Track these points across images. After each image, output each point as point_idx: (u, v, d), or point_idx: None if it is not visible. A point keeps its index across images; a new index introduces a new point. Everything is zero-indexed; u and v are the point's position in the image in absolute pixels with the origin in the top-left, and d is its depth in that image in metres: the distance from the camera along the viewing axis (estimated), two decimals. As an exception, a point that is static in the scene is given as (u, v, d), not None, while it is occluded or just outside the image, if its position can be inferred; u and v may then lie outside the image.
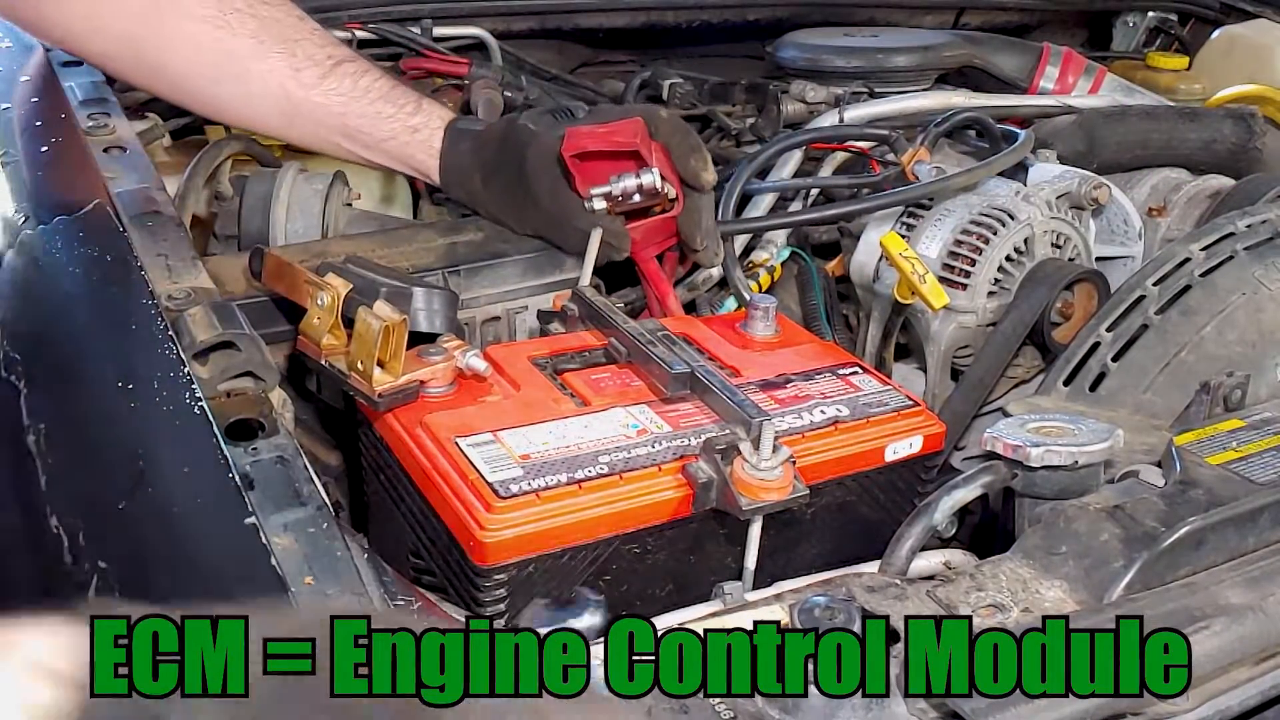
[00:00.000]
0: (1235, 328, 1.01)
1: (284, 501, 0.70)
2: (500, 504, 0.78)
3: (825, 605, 0.62)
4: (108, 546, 0.65)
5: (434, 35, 1.62)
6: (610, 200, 1.06)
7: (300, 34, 1.13)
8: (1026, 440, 0.79)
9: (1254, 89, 1.66)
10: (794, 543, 0.93)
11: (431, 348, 0.92)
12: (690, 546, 0.88)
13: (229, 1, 1.11)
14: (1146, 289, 1.06)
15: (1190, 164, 1.45)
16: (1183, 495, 0.77)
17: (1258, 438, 0.84)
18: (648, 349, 0.94)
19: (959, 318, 1.17)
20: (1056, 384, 1.03)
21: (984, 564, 0.74)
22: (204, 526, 0.66)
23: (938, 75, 1.64)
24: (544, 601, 0.70)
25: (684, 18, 1.81)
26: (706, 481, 0.82)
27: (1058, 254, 1.20)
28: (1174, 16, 2.09)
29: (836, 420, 0.92)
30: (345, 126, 1.13)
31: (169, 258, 0.92)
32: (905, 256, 1.09)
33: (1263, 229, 1.10)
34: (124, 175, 1.06)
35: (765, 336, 1.04)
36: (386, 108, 1.14)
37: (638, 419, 0.89)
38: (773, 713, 0.60)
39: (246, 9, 1.12)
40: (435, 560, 0.86)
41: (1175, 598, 0.68)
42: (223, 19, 1.11)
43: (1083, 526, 0.75)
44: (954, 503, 0.79)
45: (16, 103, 1.22)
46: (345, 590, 0.64)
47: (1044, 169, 1.29)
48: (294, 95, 1.13)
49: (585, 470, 0.82)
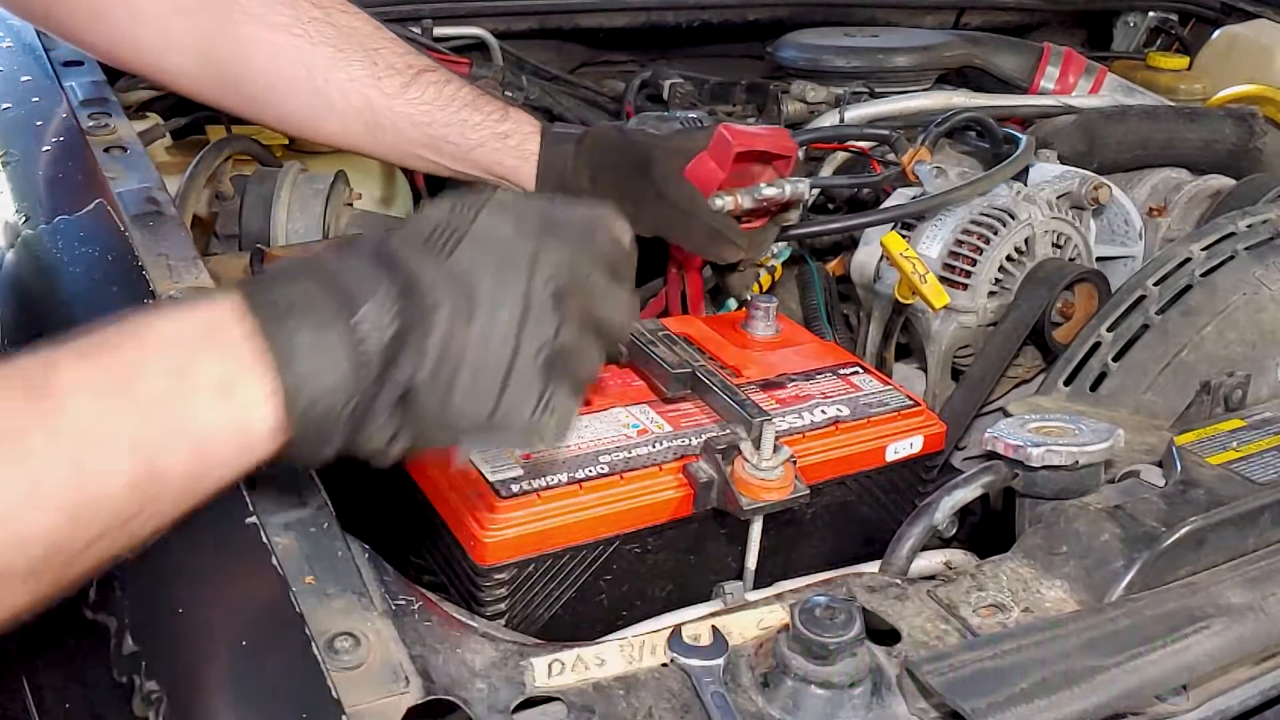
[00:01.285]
0: (1236, 328, 1.01)
1: (285, 501, 0.70)
2: (501, 504, 0.78)
3: (826, 605, 0.62)
4: (108, 546, 0.65)
5: (434, 35, 1.62)
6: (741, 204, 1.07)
7: (379, 42, 1.10)
8: (1027, 440, 0.79)
9: (1254, 89, 1.66)
10: (794, 542, 0.93)
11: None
12: (691, 546, 0.88)
13: (305, 10, 1.07)
14: (1147, 289, 1.06)
15: (1190, 164, 1.45)
16: (1183, 495, 0.77)
17: (1258, 438, 0.84)
18: (648, 349, 0.94)
19: (959, 318, 1.17)
20: (1057, 384, 1.03)
21: (985, 564, 0.74)
22: (205, 526, 0.66)
23: (938, 75, 1.63)
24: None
25: (684, 18, 1.81)
26: (707, 481, 0.82)
27: (1058, 254, 1.20)
28: (1174, 16, 2.08)
29: (837, 420, 0.92)
30: (430, 136, 1.10)
31: (170, 257, 0.92)
32: (906, 256, 1.09)
33: (1263, 229, 1.10)
34: (125, 175, 1.06)
35: (766, 336, 1.04)
36: (473, 115, 1.10)
37: (638, 419, 0.89)
38: (773, 712, 0.60)
39: (324, 17, 1.08)
40: (436, 560, 0.86)
41: (1175, 598, 0.68)
42: (300, 27, 1.07)
43: (1083, 526, 0.75)
44: (955, 503, 0.79)
45: (17, 103, 1.22)
46: (346, 589, 0.64)
47: (1044, 169, 1.29)
48: (377, 105, 1.09)
49: (586, 470, 0.82)
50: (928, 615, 0.68)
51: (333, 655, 0.59)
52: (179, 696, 0.55)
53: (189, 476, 0.58)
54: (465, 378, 0.62)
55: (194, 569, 0.63)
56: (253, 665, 0.56)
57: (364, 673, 0.59)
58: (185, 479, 0.58)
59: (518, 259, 0.64)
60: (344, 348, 0.59)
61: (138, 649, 0.58)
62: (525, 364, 0.63)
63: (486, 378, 0.62)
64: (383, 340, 0.60)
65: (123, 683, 0.57)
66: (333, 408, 0.60)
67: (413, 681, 0.59)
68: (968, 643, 0.66)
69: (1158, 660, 0.63)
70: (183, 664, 0.57)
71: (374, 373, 0.60)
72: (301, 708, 0.54)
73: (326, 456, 0.62)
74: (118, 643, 0.59)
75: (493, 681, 0.62)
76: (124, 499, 0.55)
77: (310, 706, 0.54)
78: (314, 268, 0.62)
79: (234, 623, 0.59)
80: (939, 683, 0.59)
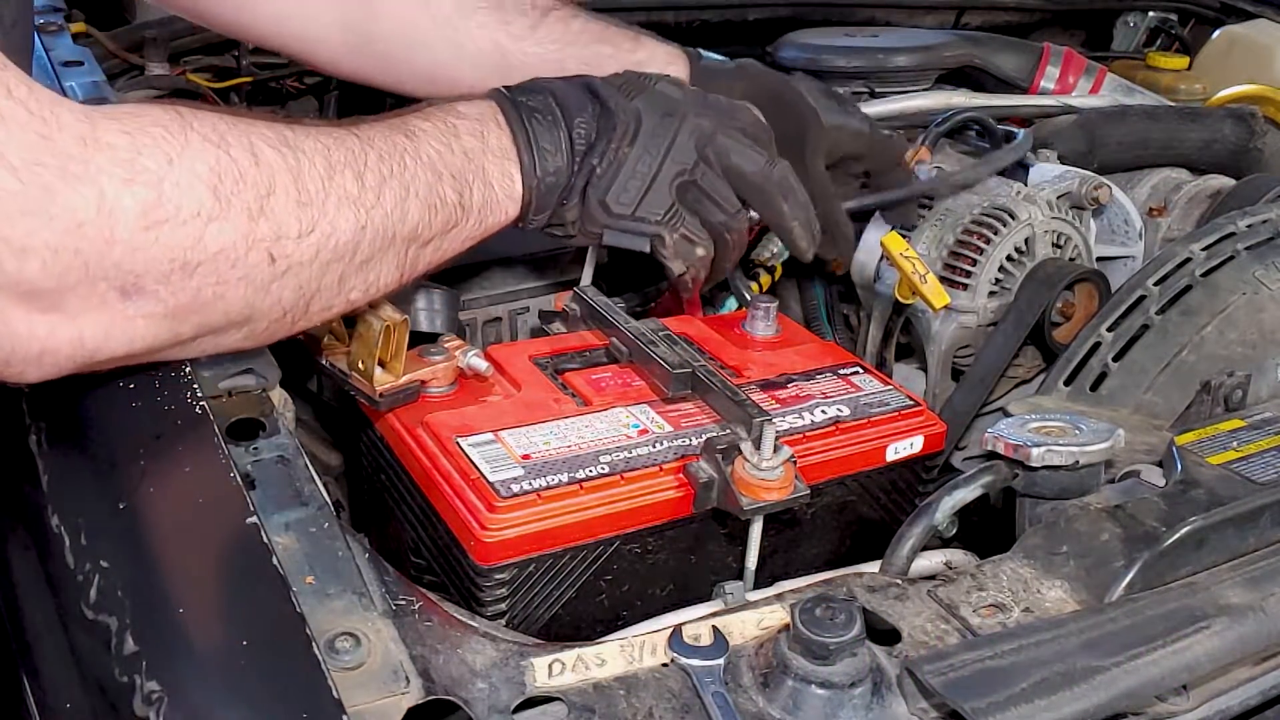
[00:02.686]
0: (1236, 327, 1.01)
1: (285, 501, 0.70)
2: (501, 504, 0.78)
3: (826, 605, 0.62)
4: (108, 546, 0.64)
5: (435, 35, 1.61)
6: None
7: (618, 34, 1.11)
8: (1027, 440, 0.79)
9: (1254, 89, 1.66)
10: (795, 542, 0.93)
11: (433, 347, 0.93)
12: (691, 546, 0.88)
13: None
14: (1147, 289, 1.06)
15: (1191, 164, 1.45)
16: (1183, 495, 0.77)
17: (1258, 438, 0.84)
18: (649, 349, 0.94)
19: (960, 317, 1.17)
20: (1057, 384, 1.03)
21: (985, 564, 0.74)
22: (205, 526, 0.66)
23: (938, 75, 1.63)
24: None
25: (684, 18, 1.81)
26: (707, 481, 0.82)
27: (1058, 254, 1.20)
28: (1174, 16, 2.08)
29: (837, 420, 0.92)
30: (565, 74, 1.06)
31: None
32: (906, 256, 1.09)
33: (1263, 229, 1.10)
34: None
35: (766, 336, 1.05)
36: (604, 48, 1.10)
37: (639, 419, 0.89)
38: (773, 712, 0.60)
39: None
40: (436, 560, 0.86)
41: (1176, 598, 0.68)
42: None
43: (1084, 526, 0.75)
44: (955, 503, 0.79)
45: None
46: (346, 590, 0.64)
47: (1045, 169, 1.29)
48: (508, 49, 1.09)
49: (586, 470, 0.82)
50: (928, 615, 0.69)
51: (333, 655, 0.59)
52: (180, 696, 0.55)
53: (482, 208, 0.85)
54: (621, 179, 0.89)
55: (194, 569, 0.63)
56: (253, 665, 0.56)
57: (364, 673, 0.59)
58: (478, 211, 0.84)
59: (675, 111, 0.92)
60: (563, 143, 0.88)
61: (138, 649, 0.58)
62: (663, 182, 0.91)
63: (635, 184, 0.90)
64: (587, 141, 0.89)
65: (123, 682, 0.57)
66: (555, 183, 0.88)
67: (413, 682, 0.59)
68: (968, 643, 0.65)
69: (1158, 660, 0.63)
70: (183, 664, 0.57)
71: (577, 163, 0.89)
72: (302, 708, 0.54)
73: (540, 223, 0.90)
74: (118, 642, 0.59)
75: (493, 682, 0.62)
76: (450, 211, 0.81)
77: (310, 707, 0.54)
78: (546, 88, 0.91)
79: (234, 623, 0.59)
80: (939, 683, 0.59)
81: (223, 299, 0.67)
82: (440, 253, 0.83)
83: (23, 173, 0.57)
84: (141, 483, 0.68)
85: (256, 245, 0.67)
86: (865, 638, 0.62)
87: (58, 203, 0.58)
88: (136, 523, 0.66)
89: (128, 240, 0.61)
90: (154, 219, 0.62)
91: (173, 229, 0.63)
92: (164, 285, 0.64)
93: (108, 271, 0.61)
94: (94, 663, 0.60)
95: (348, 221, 0.73)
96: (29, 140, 0.58)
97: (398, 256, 0.79)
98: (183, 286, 0.65)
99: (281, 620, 0.58)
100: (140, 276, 0.62)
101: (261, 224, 0.67)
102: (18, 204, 0.56)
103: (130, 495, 0.67)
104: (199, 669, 0.57)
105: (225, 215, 0.65)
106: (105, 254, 0.61)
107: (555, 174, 0.88)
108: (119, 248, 0.61)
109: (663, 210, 0.90)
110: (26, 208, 0.57)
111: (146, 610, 0.60)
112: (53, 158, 0.58)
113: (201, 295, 0.66)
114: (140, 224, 0.61)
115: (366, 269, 0.76)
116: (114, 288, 0.62)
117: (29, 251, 0.58)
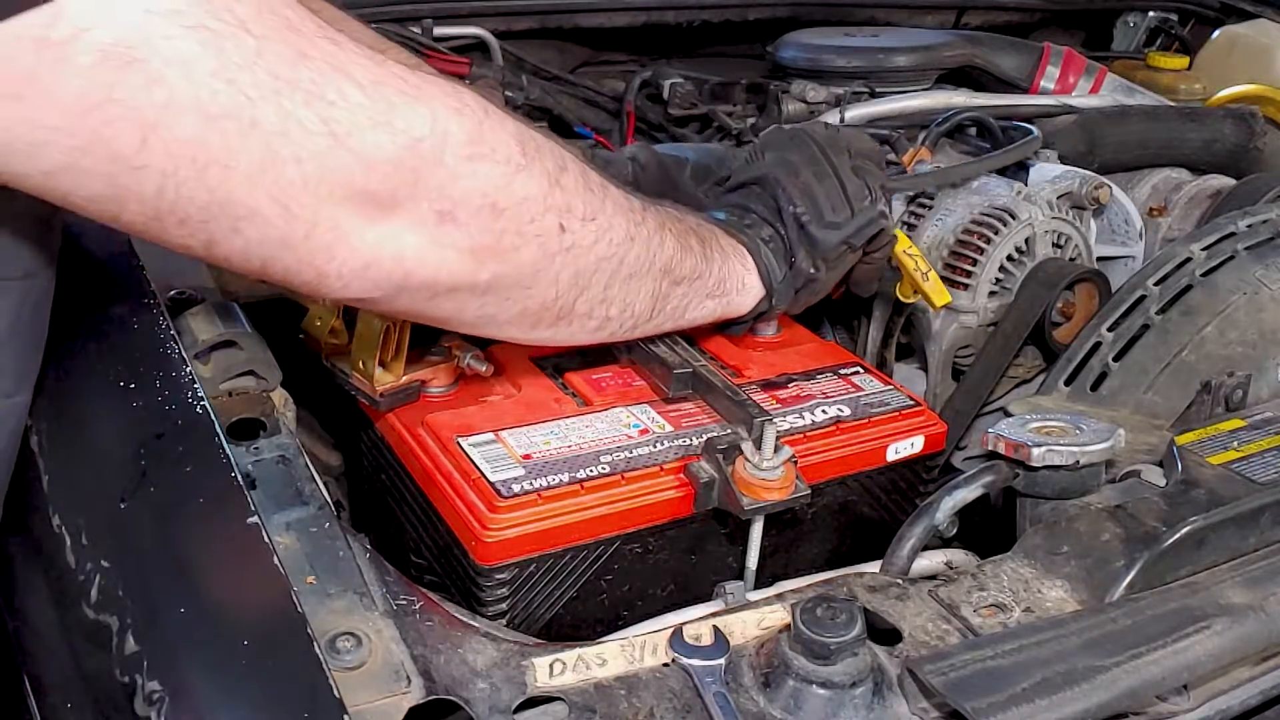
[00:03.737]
0: (1236, 327, 1.01)
1: (286, 500, 0.70)
2: (502, 504, 0.78)
3: (827, 605, 0.62)
4: (109, 546, 0.64)
5: (434, 35, 1.61)
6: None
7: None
8: (1028, 440, 0.79)
9: (1254, 89, 1.66)
10: (795, 542, 0.93)
11: (433, 348, 0.93)
12: (692, 546, 0.88)
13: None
14: (1148, 289, 1.06)
15: (1191, 164, 1.45)
16: (1184, 495, 0.77)
17: (1259, 437, 0.84)
18: (649, 348, 0.94)
19: (960, 317, 1.17)
20: (1058, 384, 1.03)
21: (985, 564, 0.74)
22: (206, 526, 0.66)
23: (938, 75, 1.63)
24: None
25: (684, 18, 1.80)
26: (708, 481, 0.82)
27: (1059, 254, 1.20)
28: (1174, 16, 2.08)
29: (838, 420, 0.92)
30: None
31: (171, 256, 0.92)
32: (909, 253, 1.09)
33: (1263, 229, 1.10)
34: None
35: (767, 336, 1.05)
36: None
37: (639, 419, 0.89)
38: (774, 712, 0.60)
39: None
40: (437, 559, 0.86)
41: (1176, 597, 0.68)
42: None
43: (1084, 526, 0.75)
44: (955, 502, 0.79)
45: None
46: (347, 589, 0.64)
47: (1045, 169, 1.29)
48: None
49: (587, 470, 0.82)
50: (929, 615, 0.69)
51: (334, 655, 0.59)
52: (181, 696, 0.55)
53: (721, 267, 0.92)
54: (822, 197, 0.95)
55: (196, 569, 0.63)
56: (254, 665, 0.56)
57: (365, 673, 0.59)
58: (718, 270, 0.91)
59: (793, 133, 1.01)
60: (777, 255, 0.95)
61: (140, 649, 0.58)
62: (843, 168, 0.97)
63: (831, 188, 0.96)
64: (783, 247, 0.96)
65: (125, 682, 0.57)
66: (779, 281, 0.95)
67: (414, 681, 0.59)
68: (969, 643, 0.65)
69: (1159, 660, 0.63)
70: (184, 664, 0.57)
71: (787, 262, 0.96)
72: (303, 708, 0.54)
73: (782, 307, 0.97)
74: (120, 642, 0.59)
75: (494, 681, 0.62)
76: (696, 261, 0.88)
77: (311, 706, 0.54)
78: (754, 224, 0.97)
79: (235, 623, 0.59)
80: (940, 682, 0.59)
81: (517, 252, 0.72)
82: (685, 300, 0.90)
83: (369, 89, 0.62)
84: (142, 483, 0.68)
85: (551, 209, 0.73)
86: (866, 638, 0.62)
87: (400, 118, 0.63)
88: (137, 523, 0.66)
89: (452, 166, 0.66)
90: (475, 151, 0.68)
91: (490, 166, 0.68)
92: (474, 220, 0.69)
93: (431, 193, 0.66)
94: (95, 663, 0.60)
95: (621, 225, 0.80)
96: (364, 63, 0.63)
97: (655, 284, 0.85)
98: (489, 227, 0.70)
99: (282, 620, 0.58)
100: (456, 204, 0.67)
101: (556, 193, 0.74)
102: (367, 116, 0.62)
103: (131, 495, 0.67)
104: (200, 669, 0.57)
105: (529, 170, 0.71)
106: (433, 173, 0.66)
107: (770, 240, 0.96)
108: (444, 171, 0.66)
109: (867, 191, 0.97)
110: (376, 119, 0.62)
111: (147, 610, 0.60)
112: (389, 76, 0.64)
113: (503, 241, 0.71)
114: (464, 152, 0.67)
115: (628, 285, 0.82)
116: (434, 209, 0.67)
117: (375, 164, 0.63)
